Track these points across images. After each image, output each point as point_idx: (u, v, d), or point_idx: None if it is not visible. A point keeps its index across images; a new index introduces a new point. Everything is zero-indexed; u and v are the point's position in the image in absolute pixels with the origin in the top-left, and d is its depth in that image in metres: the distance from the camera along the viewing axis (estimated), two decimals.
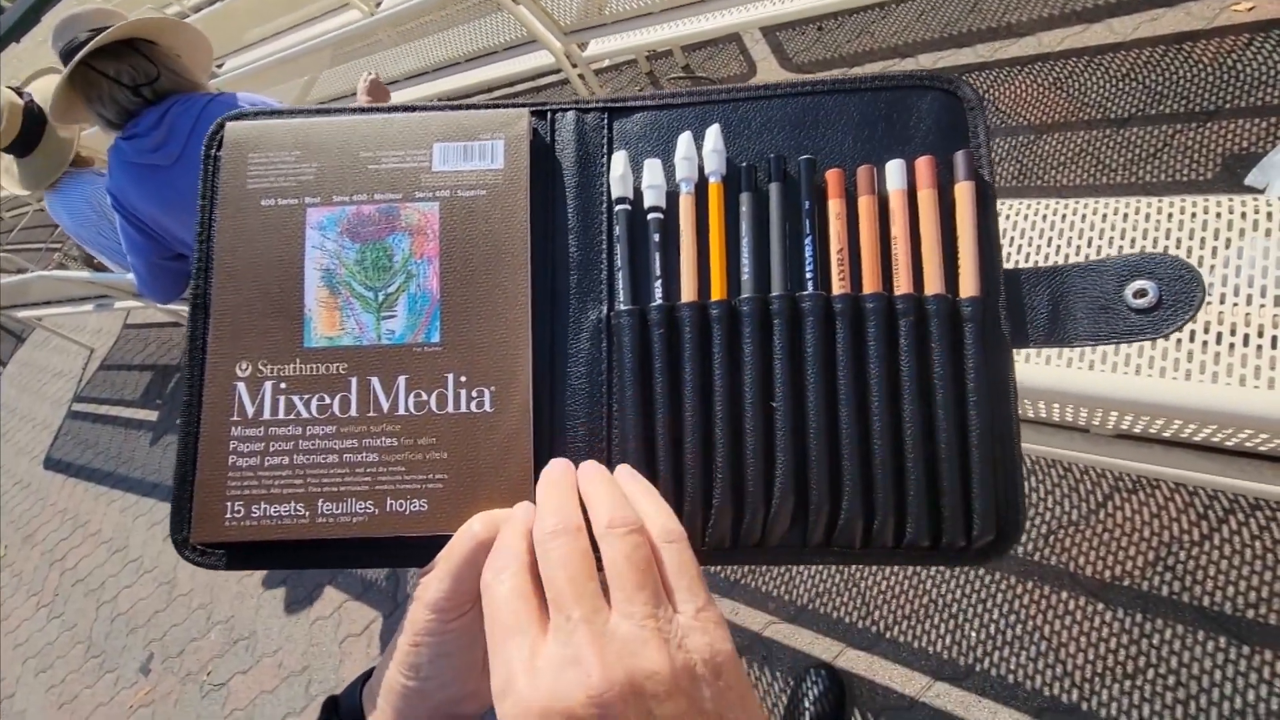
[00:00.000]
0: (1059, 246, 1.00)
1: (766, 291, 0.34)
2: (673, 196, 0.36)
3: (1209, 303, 0.89)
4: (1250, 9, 1.58)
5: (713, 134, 0.36)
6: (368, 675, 0.35)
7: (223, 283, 0.35)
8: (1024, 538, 1.26)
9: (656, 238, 0.36)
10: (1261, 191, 1.31)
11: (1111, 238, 0.98)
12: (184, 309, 2.42)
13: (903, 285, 0.34)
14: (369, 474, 0.33)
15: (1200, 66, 1.56)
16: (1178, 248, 0.93)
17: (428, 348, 0.35)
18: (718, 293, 0.35)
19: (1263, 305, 0.85)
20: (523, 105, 0.38)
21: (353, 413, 0.34)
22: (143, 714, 2.12)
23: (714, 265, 0.35)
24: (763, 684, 1.35)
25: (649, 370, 0.34)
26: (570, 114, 0.38)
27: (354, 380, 0.34)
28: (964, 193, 0.34)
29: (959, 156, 0.34)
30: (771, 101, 0.37)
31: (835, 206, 0.35)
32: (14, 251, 4.58)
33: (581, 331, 0.36)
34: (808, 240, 0.34)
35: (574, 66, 2.12)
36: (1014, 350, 0.33)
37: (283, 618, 2.06)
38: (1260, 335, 0.83)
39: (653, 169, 0.36)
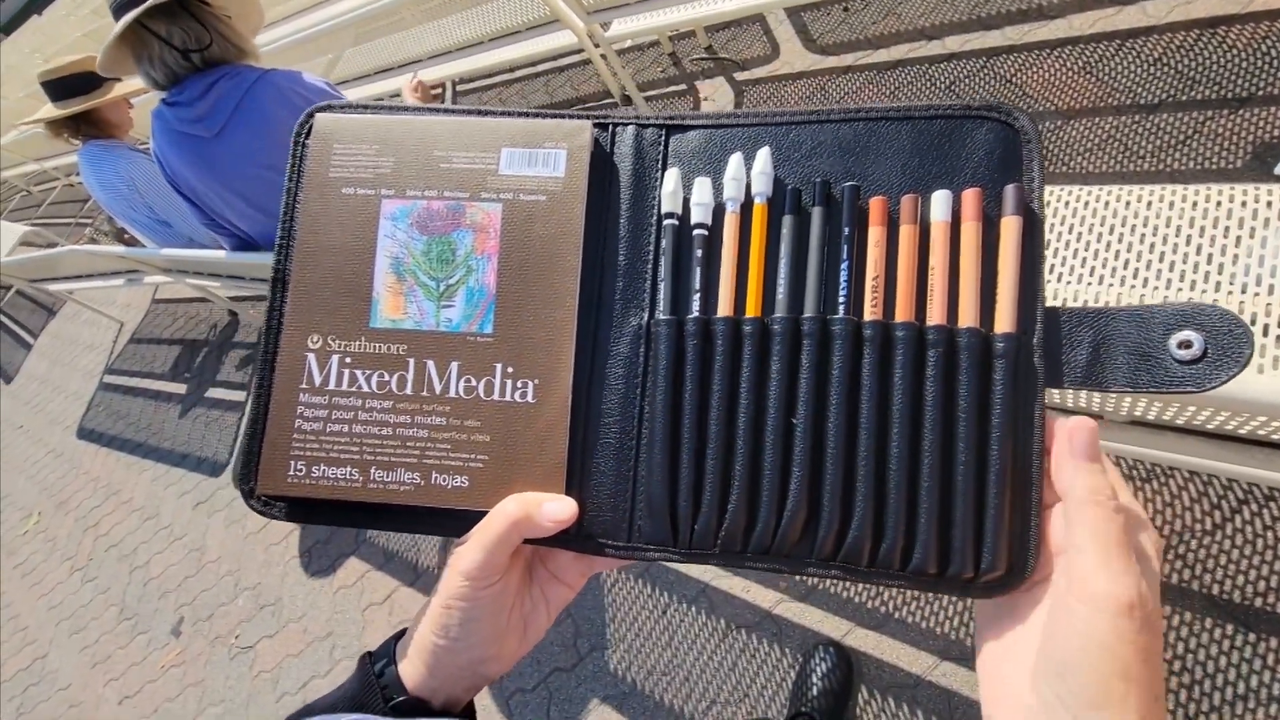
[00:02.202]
0: (1080, 234, 1.00)
1: (800, 312, 0.35)
2: (719, 214, 0.38)
3: (1230, 292, 0.89)
4: None
5: (762, 156, 0.37)
6: (401, 634, 0.38)
7: (302, 261, 0.38)
8: None
9: (699, 253, 0.37)
10: None
11: (1134, 225, 0.98)
12: (212, 284, 2.48)
13: (936, 316, 0.34)
14: (418, 448, 0.36)
15: (1234, 52, 1.53)
16: (1200, 235, 0.93)
17: (480, 338, 0.37)
18: (753, 309, 0.36)
19: None
20: (587, 117, 0.40)
21: (408, 391, 0.37)
22: (174, 674, 2.21)
23: (751, 283, 0.36)
24: (771, 660, 1.39)
25: (681, 378, 0.36)
26: (630, 128, 0.40)
27: (412, 361, 0.37)
28: (1010, 227, 0.33)
29: (1009, 190, 0.34)
30: (824, 125, 0.37)
31: (875, 234, 0.35)
32: (44, 226, 4.69)
33: (623, 336, 0.38)
34: (844, 265, 0.35)
35: (596, 47, 2.12)
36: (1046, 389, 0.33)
37: (307, 585, 2.13)
38: None
39: (701, 187, 0.38)
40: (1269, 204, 0.92)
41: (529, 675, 1.61)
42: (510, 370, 0.37)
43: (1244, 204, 0.93)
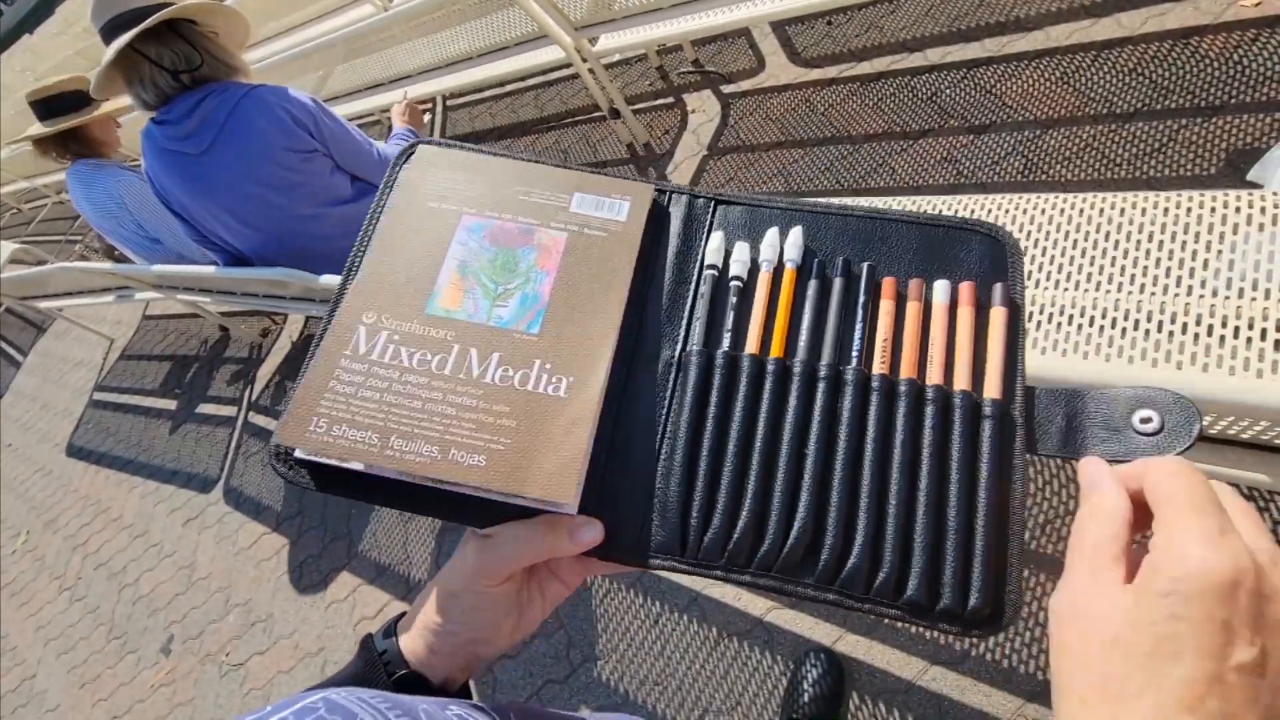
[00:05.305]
0: (1056, 240, 1.02)
1: (818, 359, 0.40)
2: (754, 273, 0.43)
3: (1201, 296, 0.91)
4: (1257, 4, 1.58)
5: (796, 233, 0.44)
6: (401, 615, 0.41)
7: (378, 249, 0.42)
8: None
9: (734, 299, 0.42)
10: (1261, 187, 1.32)
11: (1108, 231, 1.00)
12: (203, 299, 2.48)
13: (935, 378, 0.39)
14: (442, 424, 0.38)
15: (1207, 61, 1.57)
16: (1172, 241, 0.95)
17: (526, 336, 0.40)
18: (777, 351, 0.40)
19: (1253, 299, 0.87)
20: (649, 182, 0.46)
21: (446, 371, 0.39)
22: (164, 693, 2.19)
23: (777, 328, 0.41)
24: (764, 667, 1.39)
25: (706, 402, 0.40)
26: (685, 197, 0.46)
27: (456, 347, 0.40)
28: (997, 317, 0.40)
29: (997, 288, 0.40)
30: (848, 219, 0.44)
31: (886, 306, 0.41)
32: (33, 243, 4.67)
33: (655, 364, 0.42)
34: (859, 325, 0.41)
35: (584, 61, 2.15)
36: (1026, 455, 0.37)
37: (298, 601, 2.12)
38: (1250, 328, 0.85)
39: (741, 248, 0.44)
40: (1236, 209, 0.94)
41: (521, 687, 1.61)
42: (549, 366, 0.39)
43: (1212, 210, 0.95)
